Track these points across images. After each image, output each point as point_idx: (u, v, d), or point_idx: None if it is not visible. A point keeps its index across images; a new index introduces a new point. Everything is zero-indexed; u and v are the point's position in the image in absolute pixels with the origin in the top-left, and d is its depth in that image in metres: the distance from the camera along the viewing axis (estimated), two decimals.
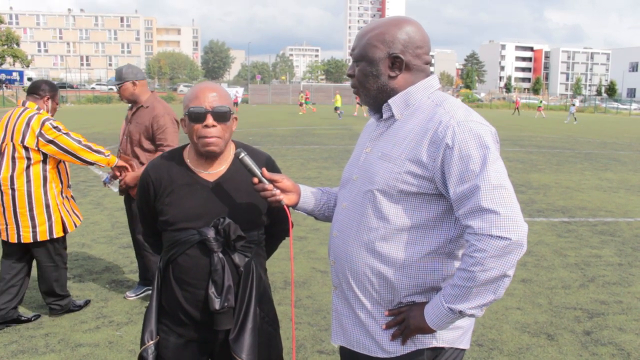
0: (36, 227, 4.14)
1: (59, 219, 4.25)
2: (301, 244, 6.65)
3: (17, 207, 4.11)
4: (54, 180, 4.24)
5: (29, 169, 4.12)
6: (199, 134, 1.98)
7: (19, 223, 4.13)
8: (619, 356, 3.95)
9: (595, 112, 68.41)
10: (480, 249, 1.59)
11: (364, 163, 1.87)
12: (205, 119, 1.96)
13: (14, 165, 4.10)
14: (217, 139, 1.99)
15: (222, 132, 2.00)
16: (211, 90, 2.01)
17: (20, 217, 4.12)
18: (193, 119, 1.97)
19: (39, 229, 4.15)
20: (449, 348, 1.82)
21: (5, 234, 4.19)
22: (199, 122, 1.97)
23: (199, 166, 2.09)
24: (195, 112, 1.97)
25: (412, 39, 1.80)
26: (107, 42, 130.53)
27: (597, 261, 6.20)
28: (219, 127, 1.99)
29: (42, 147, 4.10)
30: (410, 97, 1.82)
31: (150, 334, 2.10)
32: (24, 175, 4.11)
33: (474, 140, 1.65)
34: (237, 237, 2.01)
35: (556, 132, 28.71)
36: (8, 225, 4.16)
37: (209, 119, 1.96)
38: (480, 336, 4.21)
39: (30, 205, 4.12)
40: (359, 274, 1.82)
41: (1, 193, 4.12)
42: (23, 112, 4.18)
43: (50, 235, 4.22)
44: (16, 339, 4.04)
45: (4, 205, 4.13)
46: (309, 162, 14.16)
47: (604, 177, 12.73)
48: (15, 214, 4.12)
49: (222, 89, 2.06)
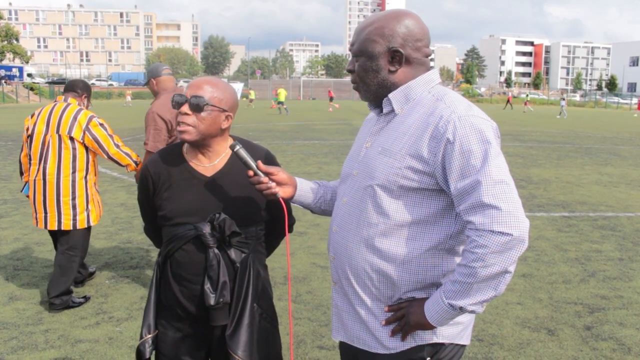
0: (77, 215, 4.42)
1: (94, 209, 4.55)
2: (301, 239, 6.65)
3: (60, 195, 4.36)
4: (92, 172, 4.55)
5: (75, 160, 4.41)
6: (178, 119, 2.01)
7: (61, 211, 4.38)
8: (619, 351, 3.95)
9: (595, 106, 68.32)
10: (481, 244, 1.58)
11: (364, 158, 1.85)
12: (182, 105, 1.99)
13: (60, 157, 4.38)
14: (189, 127, 1.98)
15: (196, 121, 1.98)
16: (202, 82, 2.03)
17: (64, 205, 4.37)
18: (174, 107, 2.01)
19: (79, 217, 4.43)
20: (449, 344, 1.81)
21: (44, 222, 4.42)
22: (178, 109, 2.01)
23: (197, 160, 2.09)
24: (175, 99, 2.01)
25: (411, 32, 1.78)
26: (106, 37, 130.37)
27: (597, 256, 6.20)
28: (192, 116, 1.99)
29: (85, 141, 4.40)
30: (410, 92, 1.80)
31: (148, 328, 2.12)
32: (70, 167, 4.40)
33: (475, 135, 1.64)
34: (232, 232, 2.00)
35: (551, 126, 28.67)
36: (48, 214, 4.40)
37: (184, 107, 1.99)
38: (480, 331, 4.20)
39: (74, 194, 4.40)
40: (358, 270, 1.81)
41: (45, 182, 4.38)
42: (67, 107, 4.47)
43: (88, 224, 4.50)
44: (16, 335, 4.04)
45: (46, 195, 4.37)
46: (309, 157, 14.15)
47: (604, 171, 12.72)
48: (59, 203, 4.36)
49: (214, 84, 2.03)
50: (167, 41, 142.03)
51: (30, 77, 71.69)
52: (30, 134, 4.48)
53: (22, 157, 4.72)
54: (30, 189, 4.50)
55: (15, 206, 8.15)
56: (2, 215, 7.58)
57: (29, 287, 4.99)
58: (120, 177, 10.78)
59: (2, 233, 6.72)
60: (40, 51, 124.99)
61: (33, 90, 57.01)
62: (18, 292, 4.87)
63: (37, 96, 56.16)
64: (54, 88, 61.44)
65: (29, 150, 4.51)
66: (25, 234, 6.67)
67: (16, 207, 8.06)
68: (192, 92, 1.99)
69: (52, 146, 4.36)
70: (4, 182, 10.16)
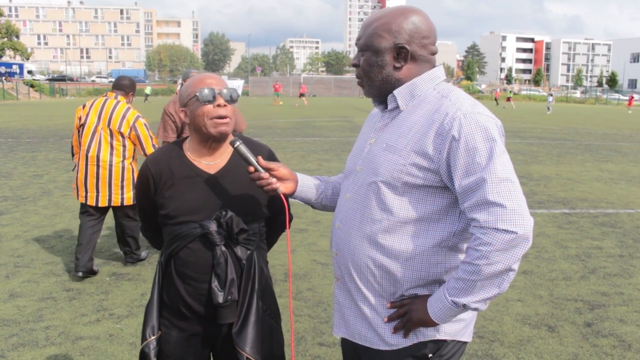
0: (124, 194, 5.22)
1: None
2: (301, 236, 6.65)
3: (112, 179, 5.16)
4: (136, 158, 5.36)
5: (124, 149, 5.21)
6: (211, 114, 1.97)
7: (112, 191, 5.19)
8: (619, 347, 3.95)
9: (596, 103, 68.27)
10: (485, 242, 1.57)
11: (368, 154, 1.84)
12: (216, 98, 1.97)
13: (112, 147, 5.16)
14: (227, 119, 1.99)
15: (231, 112, 2.00)
16: (215, 76, 2.04)
17: (114, 187, 5.18)
18: (204, 99, 1.96)
19: (126, 196, 5.23)
20: (451, 340, 1.81)
21: (95, 200, 5.19)
22: (210, 103, 1.97)
23: (199, 158, 2.08)
24: (205, 92, 1.96)
25: (418, 29, 1.77)
26: (107, 34, 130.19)
27: (598, 253, 6.19)
28: (229, 107, 2.00)
29: (131, 136, 5.20)
30: (415, 88, 1.79)
31: (152, 329, 2.08)
32: (121, 155, 5.20)
33: (480, 133, 1.63)
34: (240, 230, 2.00)
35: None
36: (100, 193, 5.18)
37: (219, 99, 1.97)
38: (481, 328, 4.20)
39: (122, 177, 5.20)
40: (361, 266, 1.80)
41: (99, 168, 5.15)
42: (118, 105, 5.22)
43: (134, 201, 5.24)
44: (16, 332, 4.04)
45: (99, 177, 5.15)
46: (310, 154, 14.14)
47: (604, 168, 12.71)
48: (110, 184, 5.16)
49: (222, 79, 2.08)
50: (168, 38, 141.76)
51: (30, 74, 71.69)
52: (83, 123, 5.20)
53: (74, 142, 5.42)
54: (81, 170, 5.20)
55: (16, 203, 8.15)
56: (3, 212, 7.58)
57: (29, 284, 4.99)
58: None
59: (3, 230, 6.72)
60: (41, 48, 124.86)
61: (33, 87, 57.00)
62: (18, 289, 4.87)
63: (37, 93, 56.15)
64: (54, 85, 61.46)
65: (80, 137, 5.24)
66: (25, 231, 6.67)
67: (17, 205, 8.06)
68: (220, 85, 2.00)
69: (104, 137, 5.15)
70: (5, 179, 10.16)
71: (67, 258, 5.71)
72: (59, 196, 8.70)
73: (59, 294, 4.76)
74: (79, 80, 78.03)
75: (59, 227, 6.91)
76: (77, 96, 59.83)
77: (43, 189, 9.24)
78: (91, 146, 5.12)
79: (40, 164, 12.01)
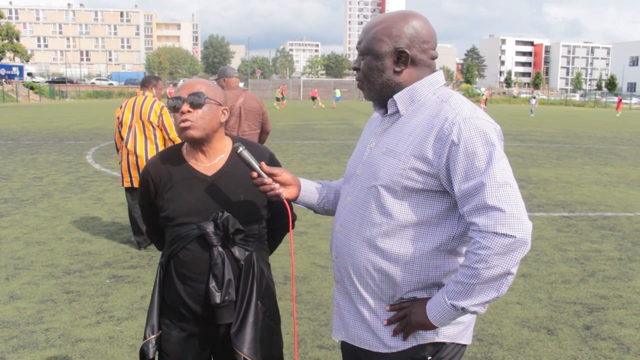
0: None
1: None
2: (301, 239, 6.65)
3: None
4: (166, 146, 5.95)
5: (155, 138, 6.05)
6: (177, 122, 2.02)
7: None
8: (618, 350, 3.96)
9: (595, 106, 68.31)
10: (484, 246, 1.59)
11: (368, 158, 1.86)
12: (179, 106, 2.00)
13: (146, 138, 6.04)
14: (193, 124, 2.00)
15: (198, 117, 2.01)
16: (191, 83, 2.06)
17: None
18: (171, 109, 2.03)
19: None
20: (451, 343, 1.81)
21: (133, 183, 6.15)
22: (176, 111, 2.01)
23: (196, 160, 2.10)
24: (171, 102, 2.03)
25: (419, 33, 1.78)
26: (106, 37, 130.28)
27: (597, 256, 6.20)
28: (194, 112, 2.01)
29: (159, 123, 6.03)
30: (415, 93, 1.80)
31: (151, 328, 2.12)
32: (154, 145, 6.05)
33: (479, 138, 1.64)
34: (235, 230, 2.01)
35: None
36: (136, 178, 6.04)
37: (184, 106, 2.00)
38: (480, 331, 4.21)
39: None
40: (360, 269, 1.81)
41: (137, 157, 6.06)
42: (146, 99, 6.11)
43: None
44: (17, 334, 4.05)
45: (138, 165, 6.05)
46: (309, 157, 14.15)
47: (604, 171, 12.72)
48: None
49: (205, 83, 2.08)
50: (167, 41, 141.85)
51: (30, 76, 71.74)
52: (121, 121, 6.13)
53: (116, 138, 6.31)
54: (124, 160, 6.14)
55: (16, 205, 8.15)
56: (3, 215, 7.59)
57: (29, 286, 4.99)
58: (120, 177, 10.76)
59: (3, 232, 6.72)
60: (41, 50, 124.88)
61: (33, 90, 56.98)
62: (18, 291, 4.87)
63: (37, 95, 56.14)
64: (54, 87, 61.46)
65: (120, 133, 6.18)
66: (25, 233, 6.67)
67: (17, 207, 8.07)
68: (187, 91, 2.02)
69: (138, 129, 6.03)
70: (5, 181, 10.16)
71: (67, 260, 5.72)
72: (58, 198, 8.71)
73: (59, 296, 4.77)
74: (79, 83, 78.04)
75: (59, 229, 6.91)
76: (76, 98, 59.83)
77: (43, 191, 9.24)
78: (129, 140, 6.07)
79: (40, 166, 12.02)
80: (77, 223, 7.21)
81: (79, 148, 15.36)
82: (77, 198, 8.77)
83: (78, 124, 24.40)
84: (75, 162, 12.75)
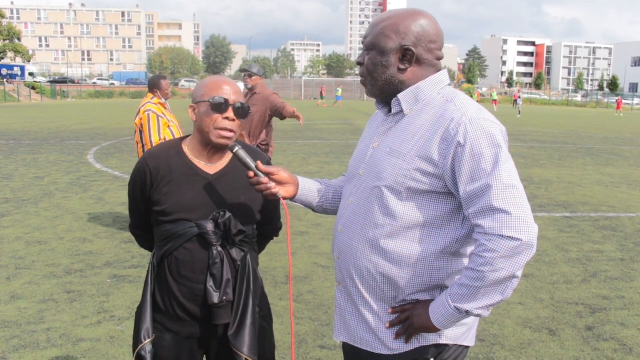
0: None
1: None
2: (302, 239, 6.65)
3: None
4: None
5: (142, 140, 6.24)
6: (217, 124, 1.97)
7: None
8: (621, 351, 3.95)
9: (597, 107, 68.27)
10: (490, 249, 1.57)
11: (372, 158, 1.84)
12: (227, 110, 1.98)
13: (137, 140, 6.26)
14: (232, 134, 2.00)
15: (238, 127, 2.02)
16: (233, 85, 2.03)
17: None
18: (215, 108, 1.97)
19: None
20: (453, 345, 1.80)
21: None
22: (220, 113, 1.98)
23: (199, 158, 2.08)
24: (219, 102, 1.97)
25: (426, 32, 1.76)
26: (108, 37, 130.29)
27: (599, 256, 6.19)
28: (237, 122, 2.00)
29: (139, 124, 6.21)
30: (420, 93, 1.79)
31: (146, 332, 2.04)
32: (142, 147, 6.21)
33: (486, 139, 1.63)
34: (238, 231, 2.00)
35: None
36: None
37: (230, 112, 1.98)
38: (482, 331, 4.20)
39: None
40: (363, 271, 1.80)
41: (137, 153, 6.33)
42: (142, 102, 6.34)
43: None
44: (18, 334, 4.04)
45: None
46: (311, 157, 14.15)
47: (606, 172, 12.70)
48: None
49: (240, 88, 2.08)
50: (169, 40, 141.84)
51: (32, 76, 71.79)
52: None
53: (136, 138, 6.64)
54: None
55: (17, 205, 8.15)
56: (4, 214, 7.59)
57: (30, 285, 4.99)
58: (121, 177, 10.78)
59: (4, 232, 6.72)
60: (42, 50, 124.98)
61: (35, 90, 57.05)
62: (20, 290, 4.87)
63: (38, 95, 56.21)
64: (56, 87, 61.53)
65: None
66: (26, 233, 6.67)
67: (18, 206, 8.07)
68: (236, 96, 2.00)
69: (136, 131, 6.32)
70: (6, 181, 10.16)
71: (68, 260, 5.72)
72: (60, 198, 8.71)
73: (60, 296, 4.76)
74: (81, 83, 78.05)
75: (60, 229, 6.91)
76: (78, 98, 59.89)
77: (44, 191, 9.24)
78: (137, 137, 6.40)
79: (42, 166, 12.02)
80: (78, 223, 7.21)
81: (81, 148, 15.36)
82: (79, 198, 8.77)
83: (79, 124, 24.42)
84: (77, 161, 12.75)
